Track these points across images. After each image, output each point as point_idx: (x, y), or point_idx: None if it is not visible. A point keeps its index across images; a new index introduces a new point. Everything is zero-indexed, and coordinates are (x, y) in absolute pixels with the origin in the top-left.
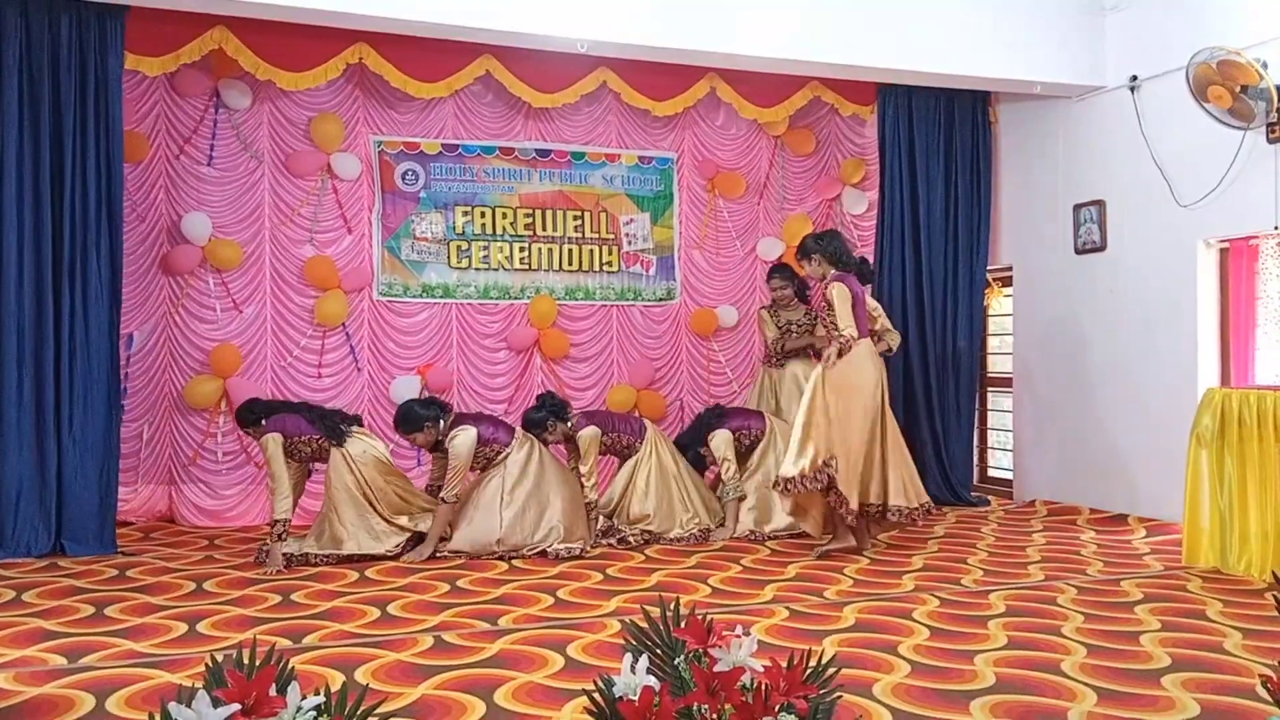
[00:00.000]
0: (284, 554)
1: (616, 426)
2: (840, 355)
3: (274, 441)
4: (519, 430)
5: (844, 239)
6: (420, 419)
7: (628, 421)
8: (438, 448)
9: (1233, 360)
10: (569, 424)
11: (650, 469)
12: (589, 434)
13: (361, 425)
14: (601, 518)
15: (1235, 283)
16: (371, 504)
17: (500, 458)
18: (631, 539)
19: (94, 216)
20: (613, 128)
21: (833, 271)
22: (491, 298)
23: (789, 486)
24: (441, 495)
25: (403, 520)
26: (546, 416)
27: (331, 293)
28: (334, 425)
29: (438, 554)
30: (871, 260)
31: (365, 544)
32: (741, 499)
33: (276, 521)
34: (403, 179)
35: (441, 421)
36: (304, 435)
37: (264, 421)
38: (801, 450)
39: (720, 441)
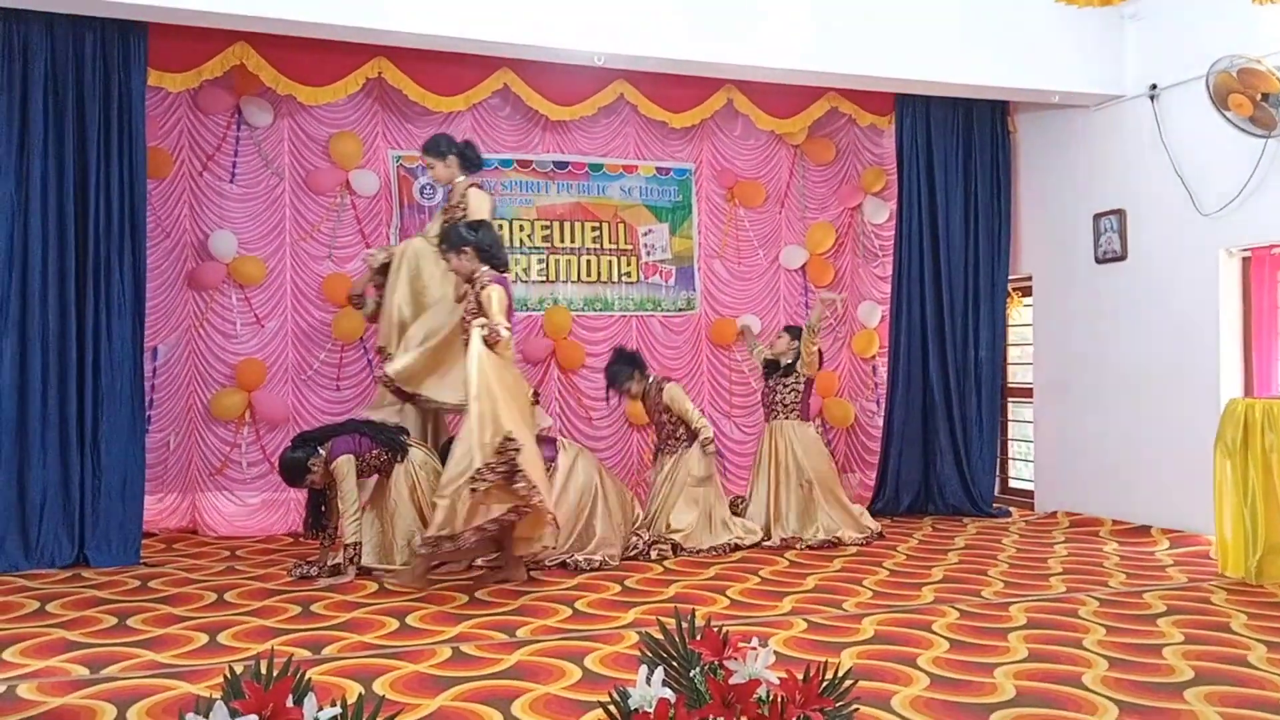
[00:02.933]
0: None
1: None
2: (490, 345)
3: (348, 463)
4: (563, 441)
5: (497, 233)
6: None
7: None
8: None
9: (1255, 370)
10: (648, 381)
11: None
12: (675, 389)
13: (409, 435)
14: (647, 530)
15: (1257, 292)
16: (425, 520)
17: (549, 475)
18: (654, 553)
19: (118, 232)
20: (630, 139)
21: (486, 270)
22: None
23: (476, 482)
24: None
25: None
26: (625, 369)
27: (349, 309)
28: (395, 438)
29: (472, 567)
30: (890, 270)
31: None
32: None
33: (349, 545)
34: (421, 193)
35: None
36: (372, 451)
37: (320, 450)
38: (480, 437)
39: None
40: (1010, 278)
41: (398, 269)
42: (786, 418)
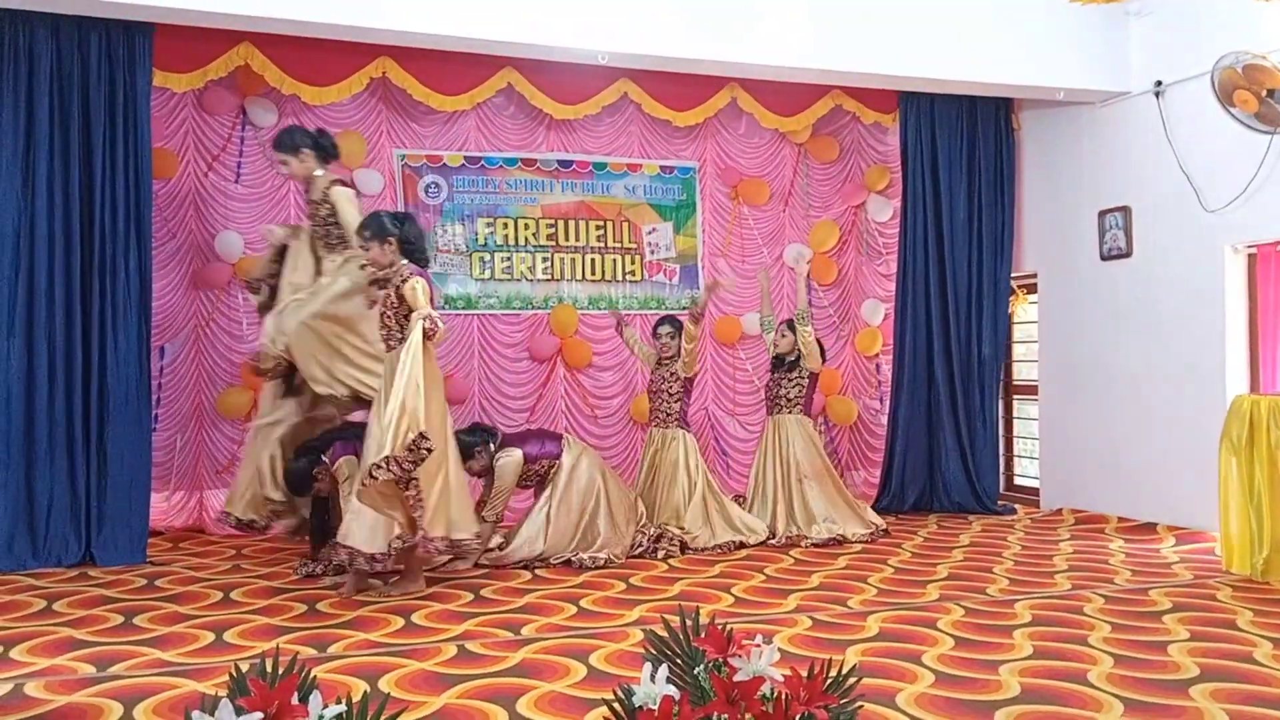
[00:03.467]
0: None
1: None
2: (428, 336)
3: (350, 464)
4: (568, 439)
5: (423, 227)
6: (469, 446)
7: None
8: (490, 472)
9: (1262, 367)
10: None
11: (699, 484)
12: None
13: None
14: (652, 527)
15: (1263, 288)
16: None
17: (553, 472)
18: (660, 552)
19: (123, 232)
20: (634, 138)
21: (405, 264)
22: (514, 308)
23: (378, 470)
24: (482, 514)
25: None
26: (678, 324)
27: None
28: None
29: (477, 564)
30: (895, 268)
31: None
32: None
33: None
34: (426, 191)
35: (491, 444)
36: None
37: (323, 457)
38: (397, 426)
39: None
40: (1015, 275)
41: (299, 251)
42: (790, 412)
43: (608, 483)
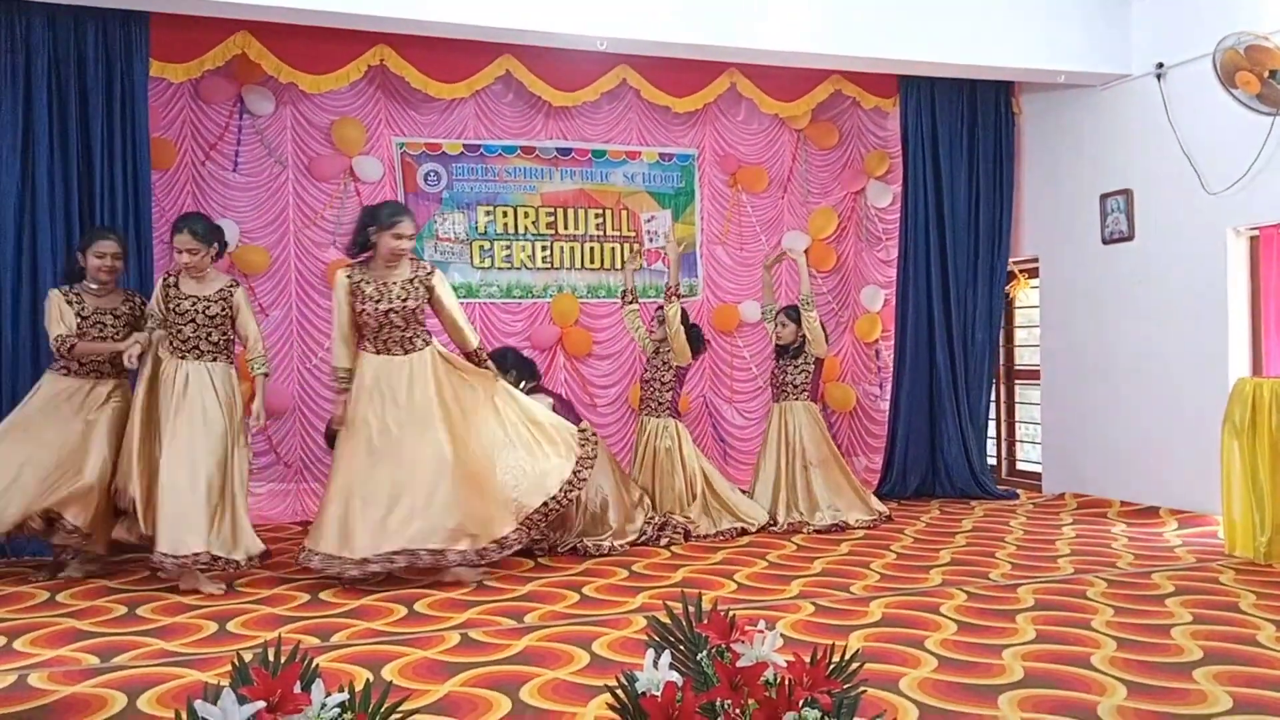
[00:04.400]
0: None
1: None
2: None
3: None
4: (586, 424)
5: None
6: (505, 366)
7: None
8: None
9: (1264, 349)
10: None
11: (695, 472)
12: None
13: None
14: (658, 516)
15: (1266, 271)
16: None
17: None
18: (663, 540)
19: (122, 223)
20: (633, 125)
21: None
22: (515, 297)
23: (567, 497)
24: None
25: None
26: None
27: None
28: None
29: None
30: (896, 253)
31: None
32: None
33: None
34: (425, 180)
35: (524, 382)
36: None
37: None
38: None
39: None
40: (1017, 259)
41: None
42: (796, 399)
43: (616, 473)
